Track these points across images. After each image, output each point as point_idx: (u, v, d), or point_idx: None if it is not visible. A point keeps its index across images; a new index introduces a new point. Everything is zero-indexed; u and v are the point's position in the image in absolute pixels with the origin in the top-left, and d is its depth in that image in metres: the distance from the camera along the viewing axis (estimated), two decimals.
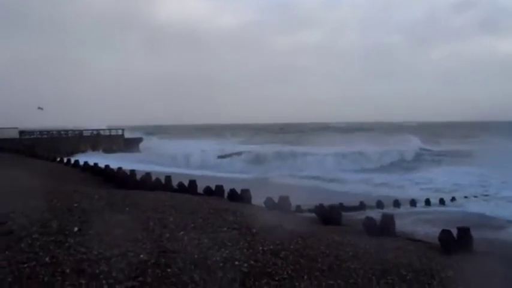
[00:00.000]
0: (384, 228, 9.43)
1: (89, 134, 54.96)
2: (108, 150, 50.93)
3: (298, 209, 14.75)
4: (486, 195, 22.61)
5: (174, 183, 15.25)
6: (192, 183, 14.75)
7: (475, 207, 19.60)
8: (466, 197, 21.94)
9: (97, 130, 56.58)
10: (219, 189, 13.96)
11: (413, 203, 20.04)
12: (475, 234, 8.26)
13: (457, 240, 8.18)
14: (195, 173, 28.08)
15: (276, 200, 11.86)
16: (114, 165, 20.60)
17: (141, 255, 5.94)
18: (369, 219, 9.59)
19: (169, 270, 5.46)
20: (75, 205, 8.81)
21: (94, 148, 50.74)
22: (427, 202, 20.28)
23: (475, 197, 22.14)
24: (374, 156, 40.74)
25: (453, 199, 21.09)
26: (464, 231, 8.30)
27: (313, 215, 11.24)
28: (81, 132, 55.30)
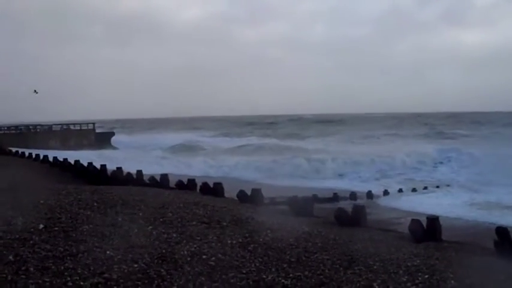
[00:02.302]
0: (355, 219, 9.51)
1: (58, 129, 53.87)
2: (79, 145, 50.14)
3: (272, 201, 14.78)
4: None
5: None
6: (164, 177, 14.64)
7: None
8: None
9: (67, 124, 55.58)
10: (191, 183, 13.89)
11: (386, 192, 20.34)
12: None
13: (426, 230, 8.30)
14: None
15: (248, 192, 11.85)
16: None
17: (108, 251, 5.85)
18: (341, 210, 9.64)
19: (135, 265, 5.39)
20: (42, 202, 8.64)
21: (64, 143, 49.83)
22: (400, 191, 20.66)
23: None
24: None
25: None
26: (433, 221, 8.42)
27: (286, 207, 11.26)
28: (50, 126, 54.12)
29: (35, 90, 56.28)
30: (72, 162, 20.61)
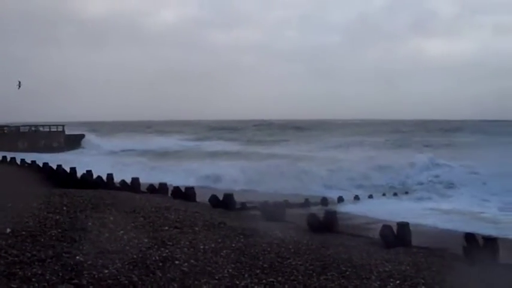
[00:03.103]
0: (327, 224, 9.56)
1: (26, 130, 52.61)
2: (48, 147, 49.09)
3: (243, 206, 14.74)
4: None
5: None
6: (135, 180, 14.47)
7: None
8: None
9: (35, 126, 54.32)
10: (163, 187, 13.77)
11: (357, 197, 20.49)
12: None
13: (396, 235, 8.40)
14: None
15: (220, 197, 11.81)
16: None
17: (77, 257, 5.73)
18: (312, 216, 9.69)
19: (106, 271, 5.29)
20: (9, 205, 8.43)
21: (32, 145, 48.72)
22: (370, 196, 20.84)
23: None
24: None
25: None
26: (403, 226, 8.53)
27: (258, 212, 11.24)
28: (17, 128, 52.74)
29: (19, 83, 54.74)
30: (41, 165, 20.21)
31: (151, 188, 13.80)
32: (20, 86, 52.70)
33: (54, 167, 18.82)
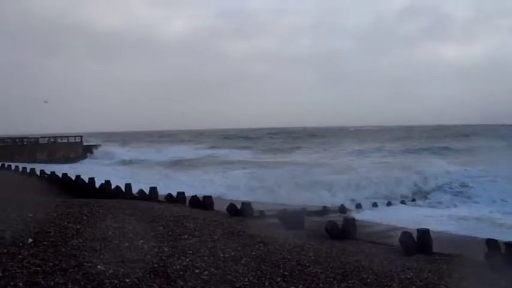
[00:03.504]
0: (346, 232, 9.51)
1: (45, 142, 53.31)
2: (66, 157, 49.70)
3: (262, 214, 14.72)
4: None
5: None
6: (153, 190, 14.54)
7: None
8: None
9: (54, 137, 55.04)
10: (181, 196, 13.82)
11: (375, 205, 20.35)
12: None
13: (416, 242, 8.32)
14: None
15: (238, 206, 11.81)
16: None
17: (99, 266, 5.76)
18: (331, 223, 9.64)
19: (127, 280, 5.31)
20: (30, 215, 8.51)
21: (51, 156, 49.33)
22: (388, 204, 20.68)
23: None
24: None
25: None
26: (423, 233, 8.45)
27: (276, 220, 11.21)
28: (37, 139, 53.50)
29: (46, 101, 56.96)
30: (60, 176, 20.44)
31: (169, 198, 13.86)
32: (46, 102, 54.84)
33: (73, 177, 19.01)
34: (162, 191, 14.82)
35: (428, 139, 71.19)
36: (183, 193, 13.90)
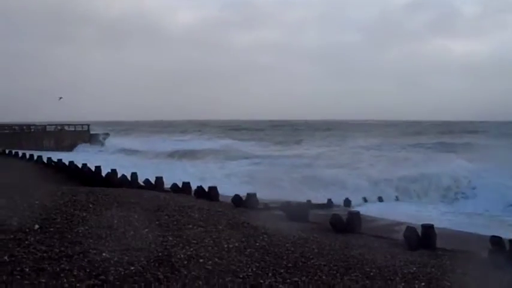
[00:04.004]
0: (350, 225, 9.53)
1: (52, 129, 53.51)
2: (74, 145, 49.93)
3: (266, 206, 14.76)
4: None
5: None
6: (159, 179, 14.61)
7: None
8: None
9: (61, 125, 55.23)
10: (186, 186, 13.88)
11: (380, 199, 20.33)
12: None
13: (421, 237, 8.33)
14: None
15: (243, 197, 11.85)
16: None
17: (104, 253, 5.82)
18: (336, 217, 9.66)
19: (132, 268, 5.36)
20: (37, 202, 8.59)
21: (58, 144, 49.56)
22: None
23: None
24: None
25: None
26: (428, 229, 8.45)
27: (281, 212, 11.25)
28: (44, 127, 53.67)
29: (60, 97, 58.03)
30: (67, 163, 20.54)
31: (174, 187, 13.92)
32: (60, 98, 55.66)
33: (79, 165, 19.08)
34: (167, 181, 14.87)
35: (435, 134, 70.79)
36: (189, 183, 13.95)
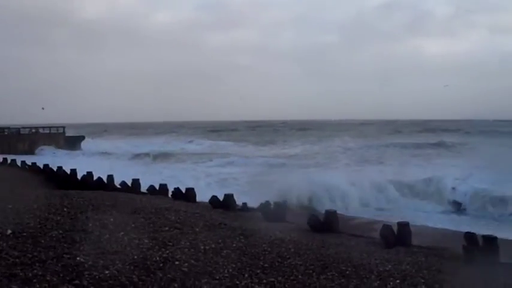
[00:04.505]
0: (328, 224, 9.57)
1: (26, 132, 52.63)
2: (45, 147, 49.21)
3: (244, 206, 14.74)
4: None
5: None
6: (135, 182, 14.48)
7: None
8: None
9: (35, 128, 54.35)
10: (163, 188, 13.78)
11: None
12: None
13: (396, 235, 8.41)
14: None
15: (221, 198, 11.81)
16: None
17: (78, 258, 5.74)
18: (313, 216, 9.70)
19: (107, 272, 5.30)
20: (10, 206, 8.43)
21: (32, 147, 48.75)
22: None
23: None
24: None
25: None
26: (403, 226, 8.54)
27: (259, 212, 11.24)
28: (18, 130, 52.77)
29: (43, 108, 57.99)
30: (41, 166, 20.23)
31: (151, 189, 13.81)
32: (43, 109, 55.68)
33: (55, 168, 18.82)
34: (144, 183, 14.75)
35: (409, 134, 71.73)
36: (166, 185, 13.86)
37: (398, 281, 5.61)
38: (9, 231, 6.70)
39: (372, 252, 7.36)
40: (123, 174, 18.20)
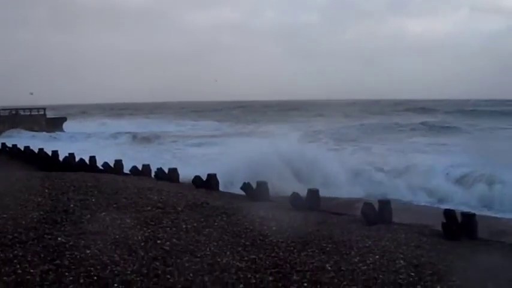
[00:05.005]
0: (310, 203, 9.64)
1: (6, 114, 51.75)
2: (30, 130, 48.53)
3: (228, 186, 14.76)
4: None
5: None
6: (118, 163, 14.40)
7: None
8: None
9: (16, 109, 53.47)
10: (146, 168, 13.73)
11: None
12: None
13: (378, 213, 8.51)
14: None
15: (204, 178, 11.80)
16: None
17: (59, 238, 5.74)
18: (295, 195, 9.75)
19: (88, 251, 5.31)
20: None
21: (13, 128, 48.01)
22: None
23: None
24: None
25: None
26: (384, 204, 8.64)
27: (242, 191, 11.27)
28: None
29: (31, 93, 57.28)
30: (22, 148, 19.99)
31: (134, 170, 13.75)
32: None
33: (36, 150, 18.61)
34: (127, 164, 14.67)
35: (391, 114, 72.06)
36: (149, 166, 13.79)
37: (377, 257, 5.69)
38: None
39: (352, 229, 7.44)
40: (105, 156, 18.10)
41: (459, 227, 7.41)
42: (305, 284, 4.74)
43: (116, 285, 4.48)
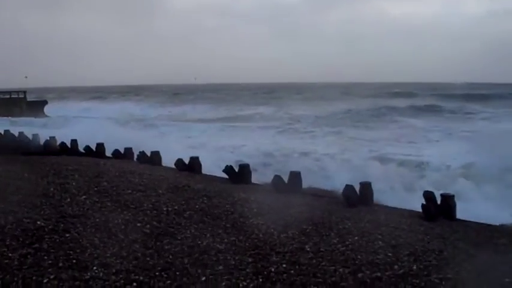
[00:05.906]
0: (292, 185, 9.69)
1: None
2: (9, 114, 47.75)
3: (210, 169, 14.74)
4: None
5: None
6: (100, 146, 14.27)
7: None
8: None
9: None
10: (128, 151, 13.64)
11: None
12: None
13: (359, 195, 8.59)
14: None
15: (187, 161, 11.78)
16: None
17: (38, 222, 5.71)
18: (277, 177, 9.79)
19: (67, 235, 5.30)
20: None
21: None
22: None
23: None
24: None
25: None
26: (365, 186, 8.73)
27: (224, 174, 11.28)
28: None
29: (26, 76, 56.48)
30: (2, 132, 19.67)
31: (116, 153, 13.65)
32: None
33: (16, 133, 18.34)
34: (109, 147, 14.55)
35: (374, 97, 72.18)
36: (131, 149, 13.69)
37: (356, 238, 5.77)
38: None
39: (333, 211, 7.51)
40: (89, 139, 17.93)
41: (438, 208, 7.54)
42: (284, 265, 4.80)
43: (94, 268, 4.48)
